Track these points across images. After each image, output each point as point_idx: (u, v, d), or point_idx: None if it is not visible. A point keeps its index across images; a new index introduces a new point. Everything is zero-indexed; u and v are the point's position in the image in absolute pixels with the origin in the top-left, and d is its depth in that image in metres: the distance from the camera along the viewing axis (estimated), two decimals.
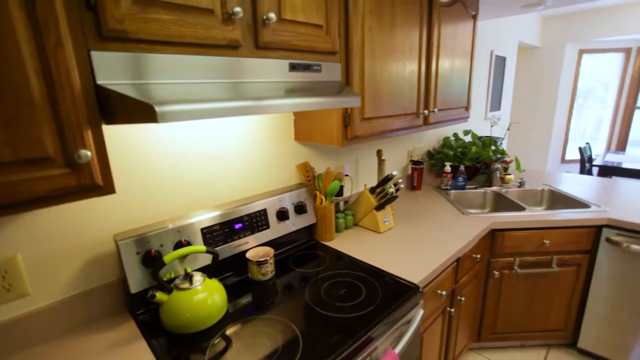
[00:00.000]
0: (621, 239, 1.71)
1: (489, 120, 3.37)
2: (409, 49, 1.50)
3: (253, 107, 0.87)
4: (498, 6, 2.33)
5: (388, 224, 1.60)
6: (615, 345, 1.84)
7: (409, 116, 1.56)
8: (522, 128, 4.87)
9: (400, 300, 1.09)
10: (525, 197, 2.24)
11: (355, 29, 1.23)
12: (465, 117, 2.02)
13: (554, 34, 4.41)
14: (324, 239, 1.52)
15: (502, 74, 3.50)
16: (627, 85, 4.62)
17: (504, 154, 2.31)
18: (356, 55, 1.24)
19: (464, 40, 1.89)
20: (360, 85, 1.28)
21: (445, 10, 1.68)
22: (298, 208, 1.42)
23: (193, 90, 0.82)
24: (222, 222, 1.21)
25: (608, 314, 1.83)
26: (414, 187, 2.20)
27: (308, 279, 1.24)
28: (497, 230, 1.74)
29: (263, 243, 1.33)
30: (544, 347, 2.07)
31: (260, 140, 1.40)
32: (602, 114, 4.89)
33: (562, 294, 1.89)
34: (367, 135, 1.35)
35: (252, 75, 0.97)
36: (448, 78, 1.80)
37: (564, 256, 1.81)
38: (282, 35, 1.00)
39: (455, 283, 1.54)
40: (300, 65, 1.08)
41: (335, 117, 1.28)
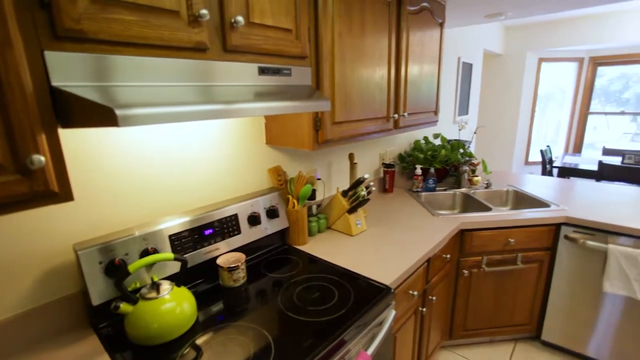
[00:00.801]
0: (578, 236, 1.82)
1: (457, 124, 3.49)
2: (379, 54, 1.53)
3: (221, 110, 0.86)
4: (463, 15, 2.43)
5: (360, 226, 1.62)
6: (575, 336, 1.95)
7: (379, 120, 1.59)
8: (488, 131, 5.08)
9: (372, 302, 1.11)
10: (491, 198, 2.33)
11: (325, 33, 1.24)
12: (434, 121, 2.09)
13: (516, 42, 4.64)
14: (296, 243, 1.51)
15: (469, 79, 3.65)
16: (580, 92, 4.94)
17: (472, 157, 2.40)
18: (326, 60, 1.25)
19: (432, 46, 1.96)
20: (330, 90, 1.29)
21: (414, 18, 1.73)
22: (270, 212, 1.41)
23: (161, 93, 0.80)
24: (191, 228, 1.18)
25: (568, 307, 1.93)
26: (386, 190, 2.24)
27: (281, 284, 1.23)
28: (465, 231, 1.80)
29: (234, 249, 1.30)
30: (511, 342, 2.16)
31: (231, 144, 1.38)
32: (561, 119, 5.20)
33: (526, 290, 1.98)
34: (338, 139, 1.37)
35: (222, 78, 0.95)
36: (417, 83, 1.85)
37: (527, 253, 1.90)
38: (251, 39, 1.00)
39: (426, 283, 1.57)
40: (270, 69, 1.07)
41: (306, 121, 1.28)
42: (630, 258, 1.66)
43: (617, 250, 1.69)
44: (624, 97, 5.09)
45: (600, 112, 5.04)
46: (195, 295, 1.17)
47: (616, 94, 5.10)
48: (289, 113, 1.05)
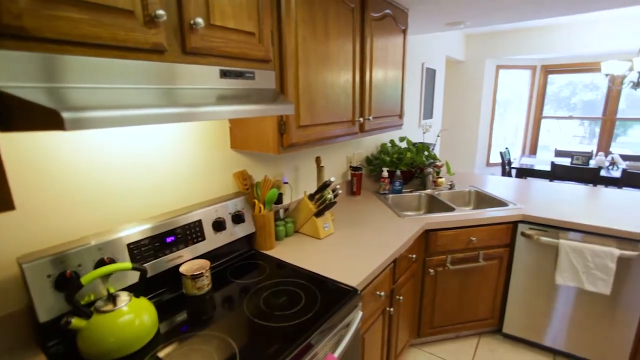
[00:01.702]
0: (533, 232, 1.93)
1: (422, 128, 3.60)
2: (344, 59, 1.55)
3: (181, 114, 0.84)
4: (425, 23, 2.52)
5: (328, 229, 1.62)
6: (534, 328, 2.06)
7: (345, 124, 1.61)
8: (452, 134, 5.29)
9: (339, 305, 1.11)
10: (455, 198, 2.42)
11: (289, 37, 1.24)
12: (399, 125, 2.14)
13: (476, 50, 4.88)
14: (264, 247, 1.49)
15: (433, 84, 3.78)
16: (534, 98, 5.27)
17: (436, 159, 2.48)
18: (290, 64, 1.26)
19: (396, 52, 2.01)
20: (295, 93, 1.30)
21: (377, 24, 1.78)
22: (235, 217, 1.39)
23: (118, 96, 0.76)
24: (152, 235, 1.14)
25: (526, 300, 2.04)
26: (354, 193, 2.27)
27: (247, 290, 1.20)
28: (430, 231, 1.86)
29: (199, 255, 1.27)
30: (476, 336, 2.24)
31: (194, 148, 1.35)
32: (518, 123, 5.51)
33: (488, 286, 2.07)
34: (304, 143, 1.37)
35: (183, 81, 0.93)
36: (382, 87, 1.89)
37: (488, 251, 1.99)
38: (212, 42, 0.98)
39: (393, 283, 1.60)
40: (233, 73, 1.06)
41: (271, 124, 1.28)
42: (577, 251, 1.78)
43: (566, 245, 1.80)
44: (572, 102, 5.48)
45: (552, 117, 5.39)
46: (158, 305, 1.12)
47: (566, 100, 5.49)
48: (253, 117, 1.04)
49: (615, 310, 1.81)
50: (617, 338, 1.84)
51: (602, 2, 2.05)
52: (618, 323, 1.82)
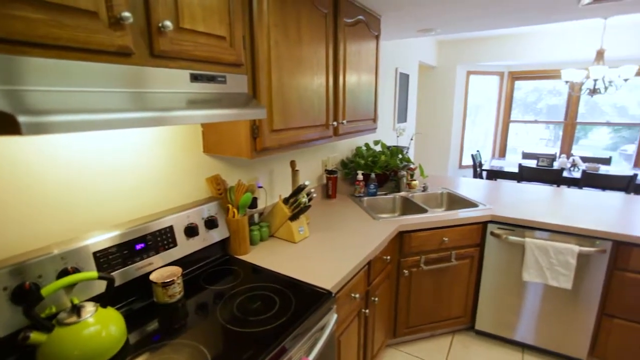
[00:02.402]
0: (501, 232, 2.00)
1: (396, 131, 3.68)
2: (317, 64, 1.56)
3: (150, 118, 0.83)
4: (398, 29, 2.59)
5: (303, 233, 1.63)
6: (504, 324, 2.13)
7: (319, 127, 1.63)
8: (426, 138, 5.43)
9: (313, 308, 1.11)
10: (428, 200, 2.48)
11: (261, 42, 1.24)
12: (373, 128, 2.18)
13: (447, 56, 5.05)
14: (238, 252, 1.48)
15: (407, 89, 3.88)
16: (503, 103, 5.50)
17: (410, 162, 2.54)
18: (263, 68, 1.26)
19: (369, 57, 2.05)
20: (267, 98, 1.30)
21: (350, 30, 1.81)
22: (208, 223, 1.36)
23: (82, 99, 0.74)
24: (120, 243, 1.10)
25: (496, 297, 2.11)
26: (330, 196, 2.28)
27: (221, 296, 1.19)
28: (404, 232, 1.90)
29: (170, 262, 1.24)
30: (450, 334, 2.30)
31: (166, 153, 1.32)
32: (488, 126, 5.72)
33: (460, 285, 2.13)
34: (277, 147, 1.37)
35: (151, 85, 0.91)
36: (355, 92, 1.92)
37: (460, 250, 2.05)
38: (181, 45, 0.97)
39: (368, 285, 1.62)
40: (204, 76, 1.05)
41: (244, 129, 1.27)
42: (542, 249, 1.87)
43: (532, 243, 1.89)
44: (538, 107, 5.76)
45: (519, 121, 5.64)
46: (127, 315, 1.08)
47: (532, 105, 5.76)
48: (224, 121, 1.03)
49: (577, 304, 1.91)
50: (578, 329, 1.94)
51: (559, 15, 2.17)
52: (579, 315, 1.92)
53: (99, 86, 0.80)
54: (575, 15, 2.23)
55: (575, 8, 2.07)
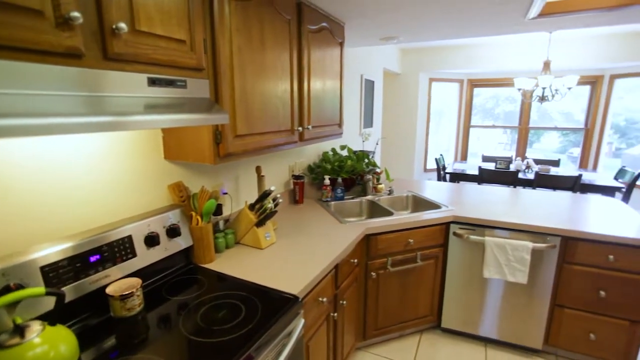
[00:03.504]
0: (463, 232, 2.09)
1: (362, 136, 3.75)
2: (281, 69, 1.57)
3: (104, 123, 0.80)
4: (362, 36, 2.65)
5: (270, 239, 1.61)
6: (469, 320, 2.22)
7: (284, 133, 1.63)
8: (392, 142, 5.57)
9: (280, 314, 1.11)
10: (394, 203, 2.54)
11: (223, 47, 1.23)
12: (339, 133, 2.21)
13: (410, 64, 5.23)
14: (202, 261, 1.44)
15: (372, 95, 3.97)
16: (463, 109, 5.77)
17: (376, 166, 2.60)
18: (225, 73, 1.24)
19: (334, 63, 2.08)
20: (230, 103, 1.28)
21: (314, 36, 1.83)
22: (171, 231, 1.32)
23: (30, 102, 0.70)
24: (73, 255, 1.04)
25: (460, 295, 2.20)
26: (297, 201, 2.28)
27: (184, 307, 1.15)
28: (371, 235, 1.93)
29: (129, 274, 1.18)
30: (418, 333, 2.36)
31: (124, 159, 1.26)
32: (450, 131, 5.98)
33: (426, 284, 2.20)
34: (242, 152, 1.35)
35: (106, 88, 0.88)
36: (320, 97, 1.95)
37: (425, 251, 2.11)
38: (138, 48, 0.94)
39: (336, 288, 1.63)
40: (162, 80, 1.02)
41: (206, 134, 1.25)
42: (500, 247, 1.97)
43: (491, 241, 1.99)
44: (496, 112, 6.10)
45: (479, 126, 5.94)
46: (81, 332, 1.02)
47: (490, 111, 6.09)
48: (185, 126, 1.01)
49: (531, 297, 2.03)
50: (534, 321, 2.06)
51: (510, 27, 2.32)
52: (534, 308, 2.04)
53: (50, 89, 0.76)
54: (523, 28, 2.39)
55: (522, 21, 2.22)
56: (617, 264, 1.84)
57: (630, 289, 1.84)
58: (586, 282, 1.92)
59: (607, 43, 4.25)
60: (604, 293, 1.88)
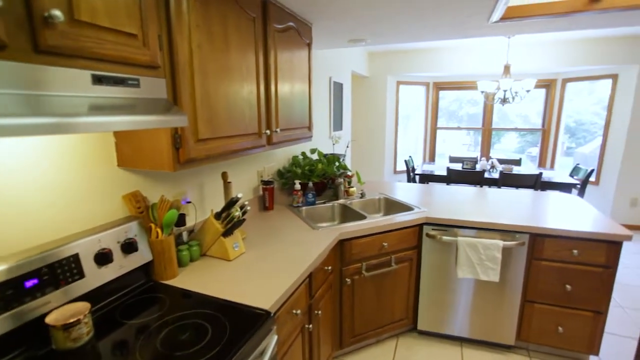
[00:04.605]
0: (435, 233, 2.09)
1: (332, 139, 3.71)
2: (246, 70, 1.48)
3: (38, 125, 0.69)
4: (330, 38, 2.61)
5: (238, 249, 1.51)
6: (443, 321, 2.22)
7: (251, 136, 1.54)
8: (362, 145, 5.59)
9: (251, 332, 1.02)
10: (366, 206, 2.51)
11: (182, 44, 1.13)
12: (309, 136, 2.15)
13: (378, 67, 5.29)
14: (164, 277, 1.31)
15: (341, 97, 3.95)
16: (430, 111, 5.91)
17: (347, 169, 2.55)
18: (184, 72, 1.14)
19: (301, 64, 2.02)
20: (191, 104, 1.18)
21: (281, 36, 1.76)
22: (126, 246, 1.19)
23: None
24: (3, 281, 0.89)
25: (435, 296, 2.19)
26: (267, 208, 2.19)
27: (142, 331, 1.03)
28: (344, 240, 1.88)
29: (76, 298, 1.04)
30: (394, 337, 2.33)
31: (69, 168, 1.12)
32: (418, 133, 6.10)
33: (401, 287, 2.17)
34: (204, 158, 1.25)
35: (43, 86, 0.76)
36: (289, 99, 1.87)
37: (399, 254, 2.09)
38: (79, 41, 0.82)
39: (310, 298, 1.56)
40: (109, 79, 0.91)
41: (165, 138, 1.14)
42: (472, 246, 1.98)
43: (463, 241, 2.00)
44: (460, 115, 6.30)
45: (445, 128, 6.10)
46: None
47: (455, 113, 6.28)
48: (136, 129, 0.90)
49: (503, 294, 2.06)
50: (506, 317, 2.09)
51: (473, 30, 2.37)
52: (506, 305, 2.07)
53: None
54: (486, 31, 2.45)
55: (485, 25, 2.27)
56: (580, 257, 1.91)
57: (592, 282, 1.91)
58: (553, 277, 1.97)
59: (560, 49, 4.50)
60: (569, 287, 1.94)
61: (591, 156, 5.05)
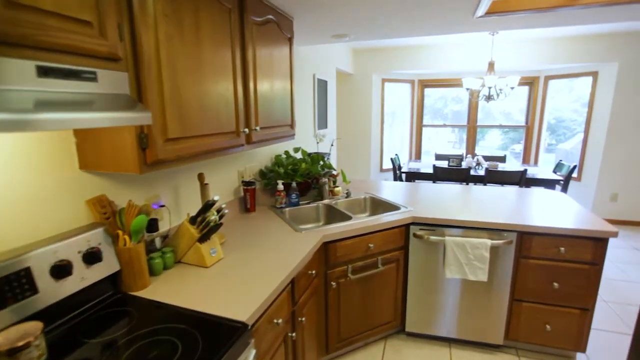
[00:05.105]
0: (423, 233, 2.04)
1: (316, 137, 3.64)
2: (222, 65, 1.39)
3: None
4: (312, 33, 2.53)
5: (216, 255, 1.42)
6: (431, 322, 2.17)
7: (227, 135, 1.45)
8: (348, 143, 5.54)
9: (225, 348, 0.93)
10: (352, 206, 2.45)
11: (147, 35, 1.03)
12: (291, 135, 2.06)
13: (363, 64, 5.23)
14: (134, 288, 1.21)
15: (326, 95, 3.87)
16: (415, 109, 5.90)
17: (332, 168, 2.48)
18: (150, 66, 1.04)
19: (282, 60, 1.93)
20: (159, 101, 1.08)
21: (259, 29, 1.67)
22: (89, 256, 1.09)
23: None
24: None
25: (423, 297, 2.14)
26: (248, 209, 2.10)
27: (105, 350, 0.93)
28: (329, 243, 1.80)
29: (29, 316, 0.94)
30: (382, 340, 2.27)
31: (21, 171, 1.01)
32: (404, 131, 6.08)
33: (389, 289, 2.11)
34: (175, 159, 1.16)
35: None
36: (269, 97, 1.79)
37: (386, 255, 2.03)
38: (18, 26, 0.72)
39: (293, 305, 1.48)
40: (59, 71, 0.81)
41: (129, 138, 1.04)
42: (460, 246, 1.94)
43: (451, 241, 1.95)
44: (445, 112, 6.31)
45: (430, 125, 6.10)
46: None
47: (440, 111, 6.29)
48: (91, 127, 0.81)
49: (491, 294, 2.03)
50: (494, 317, 2.06)
51: (459, 26, 2.33)
52: (494, 304, 2.04)
53: None
54: (471, 27, 2.41)
55: (471, 20, 2.23)
56: (567, 255, 1.89)
57: (579, 279, 1.90)
58: (541, 275, 1.95)
59: (542, 46, 4.54)
60: (557, 285, 1.92)
61: (572, 152, 5.12)
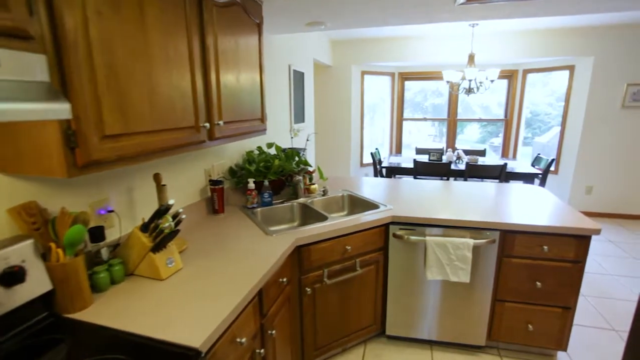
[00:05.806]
0: (402, 232, 1.93)
1: (291, 133, 3.48)
2: (174, 50, 1.22)
3: None
4: (285, 20, 2.36)
5: (173, 266, 1.26)
6: (412, 325, 2.09)
7: (185, 130, 1.28)
8: (326, 138, 5.40)
9: None
10: (329, 205, 2.32)
11: (69, 8, 0.85)
12: (262, 130, 1.91)
13: (342, 56, 5.09)
14: (70, 309, 1.04)
15: (302, 88, 3.71)
16: (395, 102, 5.81)
17: (307, 165, 2.34)
18: (75, 47, 0.87)
19: (250, 48, 1.77)
20: (91, 90, 0.91)
21: (222, 11, 1.50)
22: (7, 277, 0.91)
23: None
24: None
25: (403, 300, 2.05)
26: (216, 211, 1.93)
27: None
28: (302, 246, 1.67)
29: None
30: (362, 344, 2.17)
31: None
32: (384, 125, 5.99)
33: (368, 292, 2.01)
34: (116, 159, 0.99)
35: None
36: (234, 88, 1.62)
37: (364, 257, 1.92)
38: None
39: (262, 318, 1.34)
40: None
41: (52, 135, 0.86)
42: (441, 246, 1.85)
43: (432, 241, 1.85)
44: (425, 106, 6.26)
45: (411, 119, 6.04)
46: None
47: (420, 104, 6.23)
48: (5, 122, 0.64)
49: (473, 294, 1.95)
50: (477, 318, 1.99)
51: (439, 14, 2.22)
52: (476, 305, 1.96)
53: None
54: (452, 15, 2.31)
55: (451, 8, 2.12)
56: (550, 253, 1.83)
57: (562, 277, 1.84)
58: (524, 275, 1.88)
59: (520, 40, 4.51)
60: (539, 284, 1.86)
61: (549, 146, 5.17)
